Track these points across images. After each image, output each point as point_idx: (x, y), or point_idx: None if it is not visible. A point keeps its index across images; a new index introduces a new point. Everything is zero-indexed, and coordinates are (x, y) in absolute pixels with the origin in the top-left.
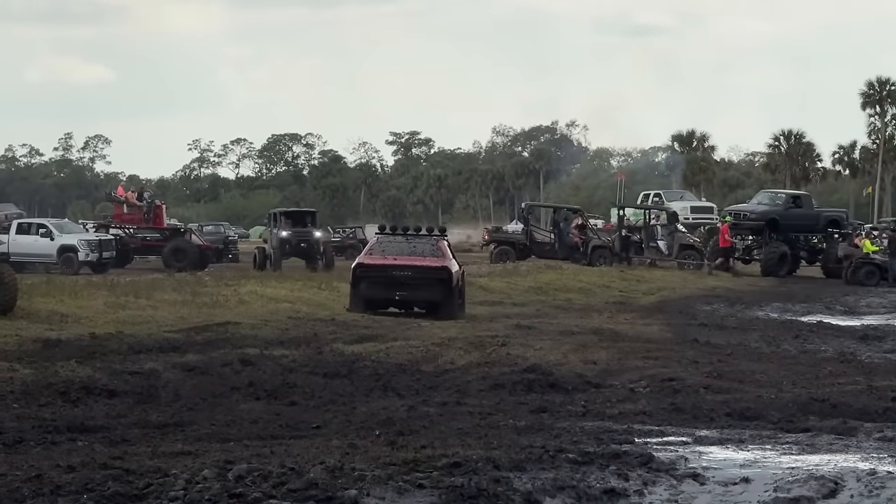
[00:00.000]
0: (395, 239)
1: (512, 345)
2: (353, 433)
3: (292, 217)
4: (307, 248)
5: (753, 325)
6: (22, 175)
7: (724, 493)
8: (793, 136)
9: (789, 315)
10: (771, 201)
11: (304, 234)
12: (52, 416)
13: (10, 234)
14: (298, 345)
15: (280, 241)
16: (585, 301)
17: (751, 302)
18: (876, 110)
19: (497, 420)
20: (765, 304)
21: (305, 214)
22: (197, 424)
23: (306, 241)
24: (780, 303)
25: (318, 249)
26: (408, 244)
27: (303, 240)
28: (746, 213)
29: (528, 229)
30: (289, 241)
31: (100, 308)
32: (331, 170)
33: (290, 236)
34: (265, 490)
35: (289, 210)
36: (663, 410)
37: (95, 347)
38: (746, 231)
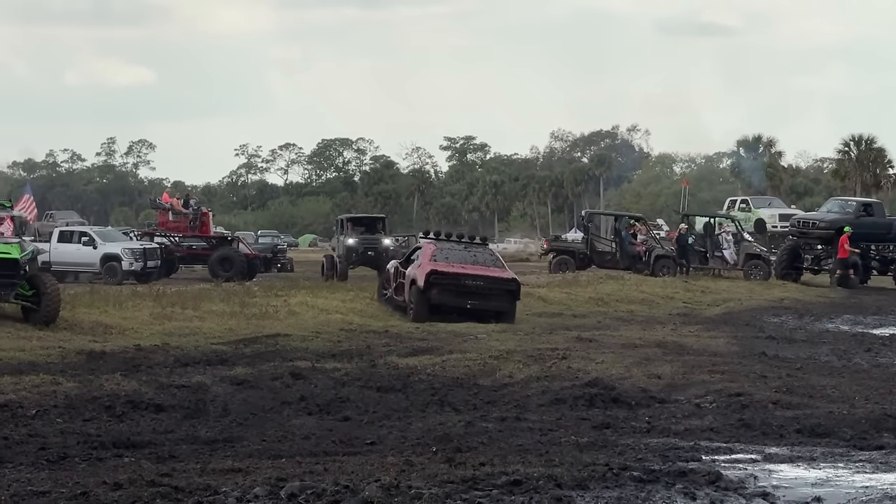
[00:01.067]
0: (450, 246)
1: (572, 358)
2: (408, 450)
3: (360, 223)
4: (374, 256)
5: (823, 337)
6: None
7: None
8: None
9: (861, 327)
10: (841, 209)
11: (371, 242)
12: (98, 431)
13: (51, 242)
14: (351, 357)
15: (346, 249)
16: (648, 312)
17: (820, 314)
18: None
19: (558, 436)
20: (835, 316)
21: (375, 221)
22: (247, 440)
23: (374, 248)
24: (851, 315)
25: (386, 258)
26: (466, 253)
27: (370, 247)
28: (815, 221)
29: (589, 238)
30: (355, 248)
31: (145, 319)
32: (383, 176)
33: (357, 244)
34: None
35: (356, 216)
36: (731, 426)
37: (141, 360)
38: (815, 240)
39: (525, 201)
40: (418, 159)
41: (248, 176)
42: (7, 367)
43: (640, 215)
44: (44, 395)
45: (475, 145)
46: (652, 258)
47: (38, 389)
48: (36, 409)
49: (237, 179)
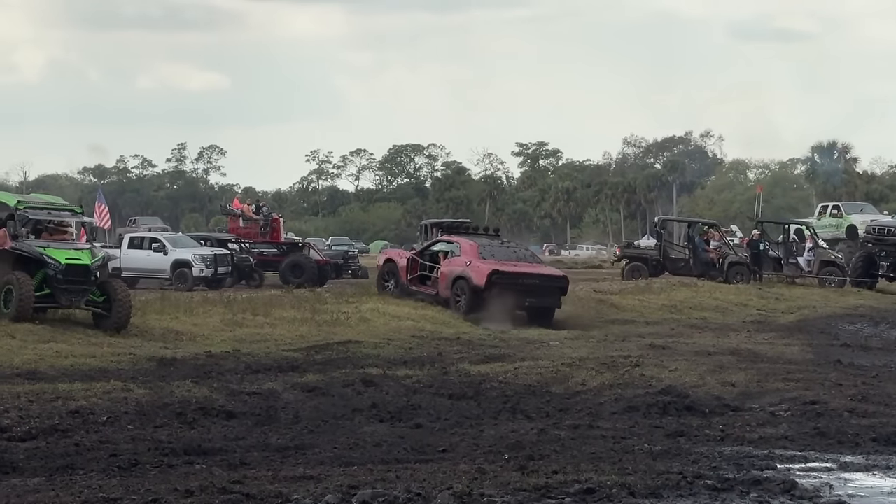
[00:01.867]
0: (488, 242)
1: (645, 365)
2: (481, 457)
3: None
4: None
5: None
6: (133, 187)
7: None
8: None
9: None
10: None
11: None
12: (169, 438)
13: (122, 248)
14: (423, 365)
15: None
16: (722, 320)
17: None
18: None
19: (631, 444)
20: None
21: (460, 225)
22: (318, 447)
23: None
24: None
25: None
26: (507, 250)
27: None
28: (891, 227)
29: (662, 245)
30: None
31: (216, 326)
32: (454, 182)
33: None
34: None
35: (441, 221)
36: (806, 435)
37: (212, 367)
38: (891, 247)
39: (597, 207)
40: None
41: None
42: (78, 373)
43: (714, 221)
44: (115, 402)
45: (547, 151)
46: (725, 265)
47: (109, 396)
48: (107, 415)
49: (308, 185)
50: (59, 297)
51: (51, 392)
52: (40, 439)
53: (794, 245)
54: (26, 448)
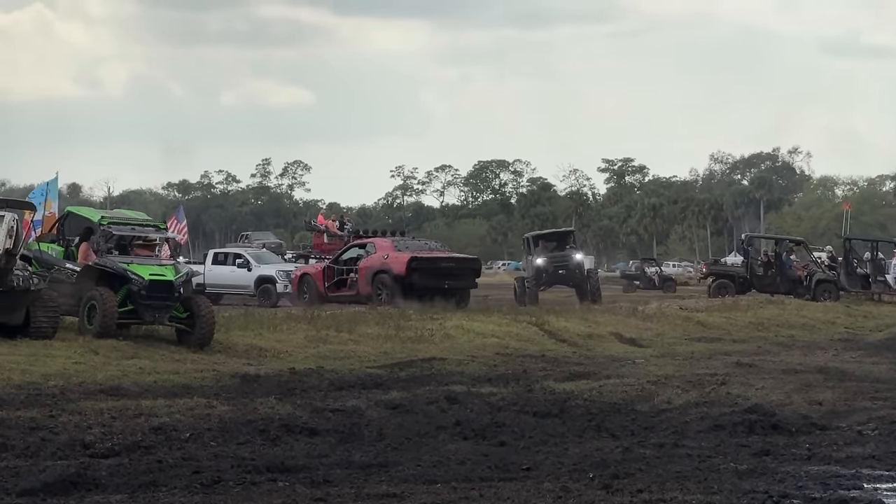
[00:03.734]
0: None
1: (732, 384)
2: (565, 476)
3: (548, 240)
4: (566, 274)
5: None
6: (218, 202)
7: None
8: None
9: None
10: None
11: (562, 259)
12: (251, 455)
13: (206, 264)
14: (507, 382)
15: (535, 270)
16: (809, 338)
17: None
18: None
19: (717, 463)
20: None
21: (564, 235)
22: (402, 465)
23: (565, 266)
24: None
25: (580, 275)
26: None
27: (561, 265)
28: None
29: (749, 262)
30: (545, 268)
31: (300, 342)
32: (540, 198)
33: (546, 263)
34: None
35: (544, 232)
36: (894, 455)
37: (295, 383)
38: None
39: (684, 224)
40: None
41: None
42: (161, 389)
43: (802, 239)
44: (198, 419)
45: (633, 167)
46: (813, 282)
47: (191, 412)
48: (190, 432)
49: (393, 201)
50: (142, 313)
51: (133, 408)
52: (123, 456)
53: (883, 263)
54: (109, 465)
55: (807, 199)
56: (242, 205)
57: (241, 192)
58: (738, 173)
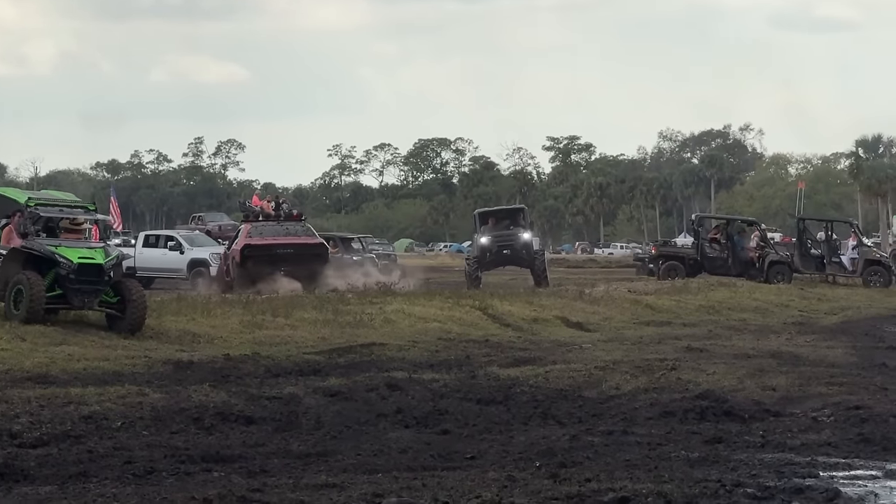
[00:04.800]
0: (264, 224)
1: (682, 369)
2: (511, 464)
3: (498, 217)
4: (511, 255)
5: None
6: (149, 183)
7: None
8: None
9: None
10: None
11: (507, 239)
12: (185, 445)
13: (136, 247)
14: (450, 368)
15: (480, 250)
16: (762, 321)
17: None
18: None
19: (668, 451)
20: None
21: (514, 213)
22: (341, 454)
23: (510, 246)
24: None
25: (527, 255)
26: (280, 228)
27: (505, 245)
28: None
29: (699, 243)
30: (489, 248)
31: (234, 327)
32: (483, 177)
33: (491, 242)
34: None
35: (492, 209)
36: (850, 441)
37: (230, 370)
38: None
39: (632, 204)
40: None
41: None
42: (91, 377)
43: (754, 219)
44: (129, 407)
45: (579, 145)
46: (766, 264)
47: (123, 401)
48: (121, 420)
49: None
50: (71, 298)
51: (63, 396)
52: (52, 445)
53: (838, 243)
54: (38, 455)
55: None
56: (174, 185)
57: (172, 172)
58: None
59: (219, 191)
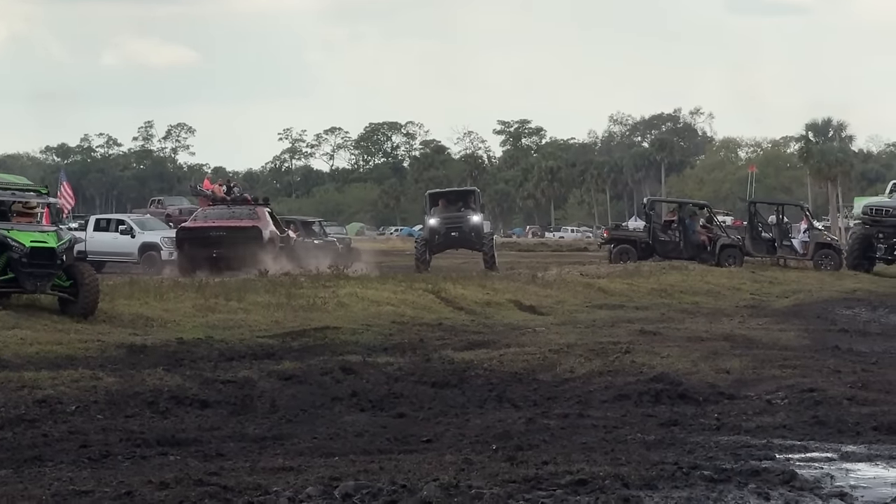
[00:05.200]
0: (214, 208)
1: (636, 352)
2: (467, 447)
3: (449, 199)
4: (459, 237)
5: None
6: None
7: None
8: None
9: None
10: None
11: (456, 221)
12: (140, 428)
13: (87, 230)
14: (404, 351)
15: (429, 232)
16: (714, 304)
17: (895, 305)
18: None
19: (624, 434)
20: None
21: (464, 195)
22: (297, 438)
23: (458, 228)
24: None
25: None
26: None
27: (454, 227)
28: (889, 208)
29: (651, 226)
30: (437, 230)
31: (187, 311)
32: (433, 161)
33: (439, 224)
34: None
35: (443, 191)
36: (804, 424)
37: (184, 354)
38: (889, 228)
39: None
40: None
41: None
42: (45, 361)
43: (705, 202)
44: (83, 391)
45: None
46: (717, 247)
47: (77, 384)
48: (75, 404)
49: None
50: (23, 282)
51: (16, 381)
52: (6, 430)
53: (789, 227)
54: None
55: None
56: (124, 169)
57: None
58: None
59: (169, 175)
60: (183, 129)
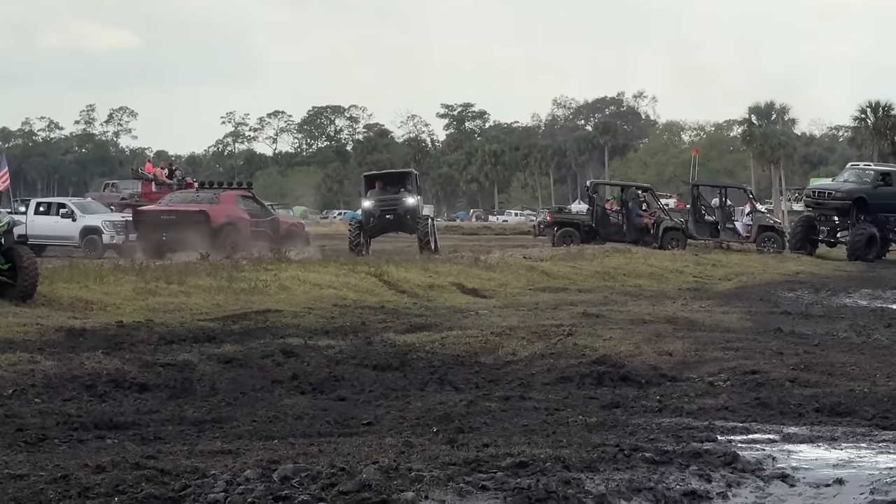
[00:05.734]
0: (180, 192)
1: (578, 334)
2: (408, 430)
3: (386, 181)
4: (395, 220)
5: (841, 313)
6: (40, 150)
7: (816, 495)
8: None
9: (880, 302)
10: (858, 178)
11: (391, 203)
12: (78, 412)
13: (28, 214)
14: (345, 334)
15: (364, 214)
16: (657, 287)
17: (837, 288)
18: None
19: (565, 416)
20: (853, 290)
21: (401, 177)
22: (236, 421)
23: (393, 211)
24: (870, 289)
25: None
26: (190, 195)
27: (389, 210)
28: (831, 191)
29: (594, 210)
30: (372, 213)
31: (128, 294)
32: (377, 145)
33: (374, 207)
34: (314, 492)
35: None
36: (746, 405)
37: (123, 337)
38: (831, 211)
39: (526, 171)
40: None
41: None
42: None
43: (648, 185)
44: (21, 374)
45: (474, 113)
46: (660, 230)
47: (14, 368)
48: (12, 388)
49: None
50: None
51: None
52: None
53: (732, 209)
54: None
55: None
56: (66, 153)
57: (64, 139)
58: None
59: (111, 158)
60: (125, 112)
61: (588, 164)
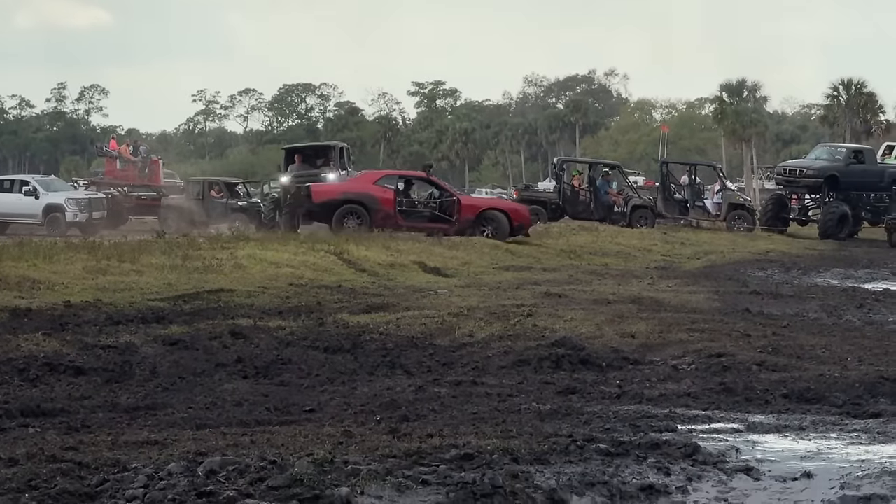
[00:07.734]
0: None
1: (539, 315)
2: (350, 418)
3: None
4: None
5: (812, 293)
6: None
7: (783, 489)
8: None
9: (851, 282)
10: (830, 156)
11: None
12: (6, 398)
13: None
14: (298, 315)
15: (281, 190)
16: (624, 266)
17: (808, 267)
18: None
19: (518, 403)
20: (824, 269)
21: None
22: (171, 407)
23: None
24: (841, 268)
25: None
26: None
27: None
28: (802, 169)
29: (561, 187)
30: (288, 189)
31: (77, 273)
32: (347, 123)
33: (291, 183)
34: (240, 487)
35: (301, 146)
36: (711, 392)
37: (69, 318)
38: (803, 189)
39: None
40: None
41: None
42: None
43: (616, 163)
44: None
45: (444, 91)
46: (629, 208)
47: None
48: None
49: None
50: None
51: None
52: None
53: (701, 187)
54: None
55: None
56: (37, 131)
57: (35, 117)
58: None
59: (82, 136)
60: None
61: (559, 143)
